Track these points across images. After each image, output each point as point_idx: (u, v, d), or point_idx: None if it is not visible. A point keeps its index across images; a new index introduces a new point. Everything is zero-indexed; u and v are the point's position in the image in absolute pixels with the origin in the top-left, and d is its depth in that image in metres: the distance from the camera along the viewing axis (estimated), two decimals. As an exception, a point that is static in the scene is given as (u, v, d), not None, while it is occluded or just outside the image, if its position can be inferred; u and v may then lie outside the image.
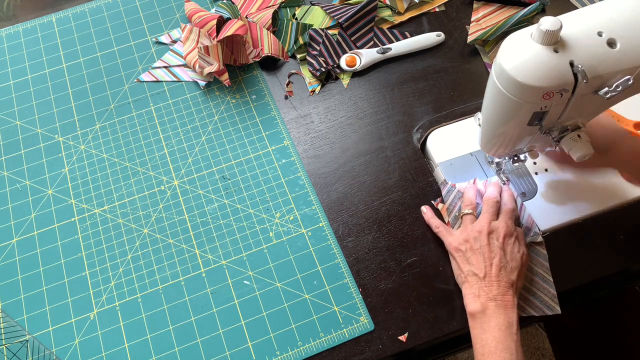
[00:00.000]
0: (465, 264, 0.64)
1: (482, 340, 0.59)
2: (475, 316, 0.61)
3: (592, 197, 0.72)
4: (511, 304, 0.61)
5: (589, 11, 0.53)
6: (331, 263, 0.70)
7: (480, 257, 0.63)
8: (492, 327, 0.59)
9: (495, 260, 0.63)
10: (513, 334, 0.59)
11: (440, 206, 0.73)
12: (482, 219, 0.66)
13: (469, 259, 0.64)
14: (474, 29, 0.86)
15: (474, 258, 0.64)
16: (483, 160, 0.76)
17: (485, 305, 0.61)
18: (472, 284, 0.63)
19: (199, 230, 0.72)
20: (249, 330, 0.66)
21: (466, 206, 0.70)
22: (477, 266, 0.63)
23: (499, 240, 0.64)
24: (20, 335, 0.66)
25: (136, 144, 0.79)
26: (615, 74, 0.51)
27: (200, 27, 0.84)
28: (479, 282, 0.62)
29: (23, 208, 0.75)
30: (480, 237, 0.64)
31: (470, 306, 0.62)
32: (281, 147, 0.78)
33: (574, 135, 0.59)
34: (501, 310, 0.60)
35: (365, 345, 0.65)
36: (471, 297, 0.62)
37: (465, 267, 0.64)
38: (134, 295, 0.69)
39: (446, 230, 0.68)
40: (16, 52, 0.88)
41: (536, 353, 1.33)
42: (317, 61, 0.84)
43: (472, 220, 0.68)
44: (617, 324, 0.80)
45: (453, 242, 0.66)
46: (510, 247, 0.64)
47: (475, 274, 0.63)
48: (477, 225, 0.66)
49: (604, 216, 0.71)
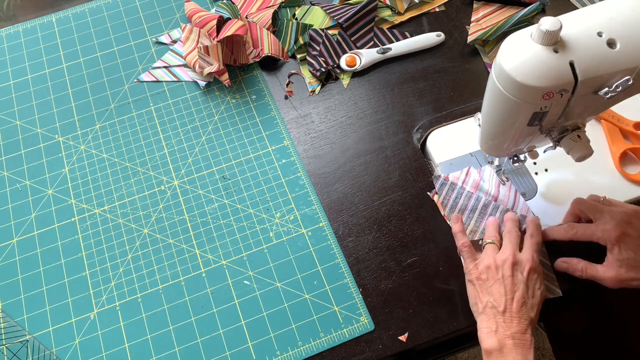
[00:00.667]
0: (485, 294, 0.61)
1: None
2: (492, 354, 0.57)
3: (592, 197, 0.72)
4: (529, 343, 0.57)
5: (589, 11, 0.53)
6: (331, 263, 0.70)
7: (502, 289, 0.60)
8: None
9: (518, 294, 0.59)
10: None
11: (435, 198, 0.73)
12: (506, 250, 0.63)
13: (489, 289, 0.60)
14: (474, 29, 0.86)
15: (495, 288, 0.60)
16: (483, 160, 0.76)
17: (502, 343, 0.57)
18: (490, 317, 0.59)
19: (199, 230, 0.73)
20: (249, 330, 0.66)
21: (489, 237, 0.66)
22: (497, 298, 0.59)
23: (523, 274, 0.61)
24: (20, 335, 0.66)
25: (136, 144, 0.79)
26: (615, 74, 0.51)
27: (200, 27, 0.84)
28: (497, 315, 0.59)
29: (23, 208, 0.75)
30: (504, 267, 0.61)
31: (486, 342, 0.58)
32: (281, 147, 0.78)
33: (574, 136, 0.59)
34: (519, 350, 0.56)
35: (365, 345, 0.65)
36: (487, 332, 0.58)
37: (485, 297, 0.60)
38: (134, 295, 0.69)
39: (471, 251, 0.65)
40: (16, 52, 0.88)
41: (536, 353, 1.33)
42: (317, 61, 0.84)
43: (495, 250, 0.64)
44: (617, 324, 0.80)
45: (474, 268, 0.63)
46: (533, 283, 0.61)
47: (494, 307, 0.59)
48: (502, 254, 0.62)
49: (604, 216, 0.71)
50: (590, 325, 0.82)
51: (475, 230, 0.70)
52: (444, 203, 0.72)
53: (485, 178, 0.74)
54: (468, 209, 0.71)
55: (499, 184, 0.73)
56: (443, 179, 0.73)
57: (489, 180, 0.73)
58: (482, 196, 0.72)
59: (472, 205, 0.71)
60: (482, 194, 0.72)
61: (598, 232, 0.63)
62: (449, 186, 0.72)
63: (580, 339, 0.84)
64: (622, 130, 0.77)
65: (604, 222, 0.63)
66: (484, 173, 0.74)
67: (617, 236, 0.62)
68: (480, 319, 0.60)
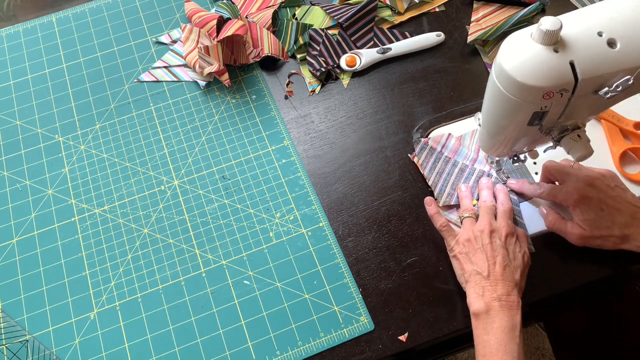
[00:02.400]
0: (468, 263, 0.63)
1: (484, 342, 0.59)
2: (479, 316, 0.60)
3: (592, 197, 0.72)
4: (516, 304, 0.59)
5: (589, 11, 0.53)
6: (331, 263, 0.70)
7: (483, 256, 0.63)
8: (495, 328, 0.58)
9: (499, 258, 0.62)
10: (516, 337, 0.58)
11: (415, 159, 0.75)
12: (483, 220, 0.66)
13: (471, 259, 0.63)
14: (474, 29, 0.86)
15: (477, 257, 0.63)
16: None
17: (489, 305, 0.59)
18: (476, 282, 0.62)
19: (199, 230, 0.73)
20: (249, 330, 0.66)
21: (465, 211, 0.69)
22: (480, 265, 0.62)
23: (501, 239, 0.64)
24: (20, 335, 0.66)
25: (136, 144, 0.79)
26: (615, 74, 0.51)
27: (200, 27, 0.84)
28: (482, 280, 0.61)
29: (23, 208, 0.75)
30: (482, 236, 0.64)
31: (474, 305, 0.60)
32: (281, 147, 0.78)
33: (574, 136, 0.59)
34: (505, 311, 0.59)
35: (365, 345, 0.65)
36: (475, 297, 0.61)
37: (468, 266, 0.63)
38: (134, 295, 0.69)
39: (450, 230, 0.67)
40: (16, 52, 0.88)
41: (536, 353, 1.33)
42: (317, 61, 0.84)
43: (472, 223, 0.67)
44: (617, 324, 0.80)
45: (455, 243, 0.66)
46: (512, 247, 0.64)
47: (478, 273, 0.62)
48: (479, 225, 0.65)
49: (604, 216, 0.71)
50: (590, 325, 0.82)
51: (452, 193, 0.72)
52: (423, 165, 0.74)
53: (465, 144, 0.76)
54: (445, 173, 0.74)
55: (479, 147, 0.75)
56: (423, 143, 0.75)
57: (469, 145, 0.76)
58: (460, 161, 0.75)
59: (449, 170, 0.73)
60: (460, 158, 0.75)
61: (561, 194, 0.67)
62: (429, 150, 0.75)
63: (580, 339, 0.84)
64: (622, 130, 0.77)
65: (568, 184, 0.67)
66: (465, 139, 0.76)
67: (577, 199, 0.65)
68: (468, 287, 0.63)
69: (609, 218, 0.64)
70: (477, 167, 0.74)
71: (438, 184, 0.73)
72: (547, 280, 0.68)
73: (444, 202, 0.72)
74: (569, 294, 0.69)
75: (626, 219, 0.63)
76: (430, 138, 0.76)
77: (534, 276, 0.68)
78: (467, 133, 0.77)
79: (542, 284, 0.68)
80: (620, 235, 0.64)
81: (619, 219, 0.64)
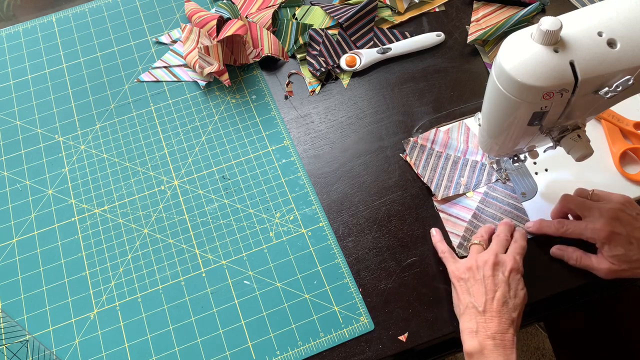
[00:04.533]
0: (466, 294, 0.61)
1: None
2: (472, 356, 0.57)
3: (592, 197, 0.72)
4: (511, 343, 0.57)
5: (589, 11, 0.53)
6: (331, 263, 0.70)
7: (482, 289, 0.60)
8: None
9: (498, 294, 0.59)
10: None
11: (407, 159, 0.76)
12: (489, 251, 0.63)
13: (469, 289, 0.61)
14: (474, 29, 0.86)
15: (476, 288, 0.60)
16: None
17: (483, 345, 0.57)
18: (471, 317, 0.59)
19: (199, 230, 0.73)
20: (249, 330, 0.66)
21: (476, 238, 0.67)
22: (477, 298, 0.59)
23: (504, 274, 0.61)
24: (20, 335, 0.66)
25: (136, 144, 0.79)
26: (615, 74, 0.51)
27: (200, 27, 0.84)
28: (478, 315, 0.59)
29: (23, 208, 0.75)
30: (485, 268, 0.61)
31: (467, 344, 0.58)
32: (281, 147, 0.78)
33: (574, 136, 0.59)
34: (500, 350, 0.56)
35: (365, 345, 0.65)
36: (468, 334, 0.58)
37: (465, 297, 0.61)
38: (134, 295, 0.69)
39: (451, 256, 0.66)
40: (16, 52, 0.88)
41: (536, 353, 1.33)
42: (317, 61, 0.84)
43: (479, 251, 0.65)
44: (617, 323, 0.80)
45: (456, 269, 0.63)
46: (516, 283, 0.61)
47: (474, 307, 0.59)
48: (484, 255, 0.63)
49: (604, 216, 0.71)
50: (590, 325, 0.82)
51: (449, 185, 0.73)
52: (416, 164, 0.75)
53: (454, 136, 0.77)
54: (439, 167, 0.74)
55: (467, 138, 0.76)
56: (413, 142, 0.76)
57: (457, 138, 0.77)
58: (452, 154, 0.76)
59: (442, 164, 0.74)
60: (451, 151, 0.76)
61: (587, 231, 0.64)
62: (419, 148, 0.75)
63: (580, 339, 0.84)
64: (622, 130, 0.77)
65: (593, 220, 0.64)
66: (452, 132, 0.77)
67: (605, 236, 0.63)
68: (462, 320, 0.60)
69: (638, 251, 0.62)
70: (469, 157, 0.75)
71: (434, 180, 0.73)
72: (547, 280, 0.68)
73: (442, 195, 0.72)
74: (569, 294, 0.69)
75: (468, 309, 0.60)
76: (419, 137, 0.76)
77: (534, 276, 0.68)
78: (454, 126, 0.78)
79: (542, 284, 0.68)
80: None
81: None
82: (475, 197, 0.73)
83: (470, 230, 0.70)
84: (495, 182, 0.74)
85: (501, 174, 0.74)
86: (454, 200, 0.73)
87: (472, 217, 0.71)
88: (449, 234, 0.71)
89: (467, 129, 0.77)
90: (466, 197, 0.73)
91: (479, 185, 0.73)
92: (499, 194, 0.73)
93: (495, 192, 0.73)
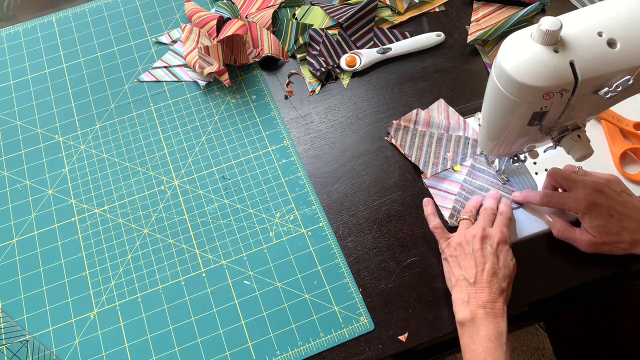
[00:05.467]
0: (457, 267, 0.63)
1: (470, 350, 0.58)
2: (464, 324, 0.60)
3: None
4: (501, 312, 0.59)
5: (589, 11, 0.53)
6: (331, 263, 0.70)
7: (472, 262, 0.62)
8: (482, 337, 0.58)
9: (488, 265, 0.61)
10: (502, 344, 0.57)
11: (393, 141, 0.77)
12: (477, 225, 0.66)
13: (460, 263, 0.63)
14: (474, 29, 0.86)
15: (466, 262, 0.63)
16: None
17: (474, 313, 0.59)
18: (462, 289, 0.61)
19: (199, 230, 0.73)
20: (249, 330, 0.66)
21: (465, 213, 0.69)
22: (468, 270, 0.62)
23: (492, 246, 0.63)
24: (20, 335, 0.66)
25: (136, 144, 0.79)
26: (615, 74, 0.51)
27: (200, 27, 0.84)
28: (468, 287, 0.61)
29: (23, 208, 0.75)
30: (474, 242, 0.63)
31: (459, 314, 0.60)
32: (281, 147, 0.78)
33: (574, 136, 0.59)
34: (490, 318, 0.58)
35: (365, 345, 0.65)
36: (460, 304, 0.61)
37: (457, 271, 0.63)
38: (134, 295, 0.69)
39: (443, 232, 0.67)
40: (16, 52, 0.88)
41: (536, 353, 1.33)
42: (317, 61, 0.84)
43: (468, 226, 0.67)
44: (617, 323, 0.80)
45: (447, 246, 0.66)
46: (504, 255, 0.63)
47: (465, 279, 0.62)
48: (472, 229, 0.65)
49: (604, 216, 0.71)
50: (590, 325, 0.82)
51: (436, 162, 0.75)
52: (402, 145, 0.76)
53: (434, 114, 0.78)
54: (424, 145, 0.76)
55: (448, 115, 0.79)
56: (396, 125, 0.78)
57: (438, 116, 0.79)
58: (435, 131, 0.77)
59: (427, 142, 0.76)
60: (434, 129, 0.78)
61: (570, 201, 0.66)
62: (403, 129, 0.77)
63: (580, 339, 0.84)
64: (622, 130, 0.77)
65: (576, 191, 0.66)
66: (432, 111, 0.79)
67: (586, 205, 0.65)
68: (454, 292, 0.63)
69: (618, 224, 0.64)
70: (452, 133, 0.77)
71: (421, 158, 0.75)
72: (547, 280, 0.68)
73: (431, 172, 0.74)
74: (569, 294, 0.69)
75: (635, 225, 0.63)
76: (402, 118, 0.78)
77: (533, 276, 0.68)
78: (433, 105, 0.80)
79: (542, 284, 0.68)
80: (630, 241, 0.63)
81: (628, 224, 0.63)
82: (462, 171, 0.75)
83: (460, 201, 0.73)
84: (480, 154, 0.76)
85: (501, 174, 0.74)
86: (442, 175, 0.75)
87: (460, 189, 0.73)
88: (440, 207, 0.73)
89: (447, 106, 0.80)
90: (454, 172, 0.75)
91: (465, 159, 0.76)
92: (485, 166, 0.75)
93: (481, 165, 0.75)
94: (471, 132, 0.77)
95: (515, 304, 0.66)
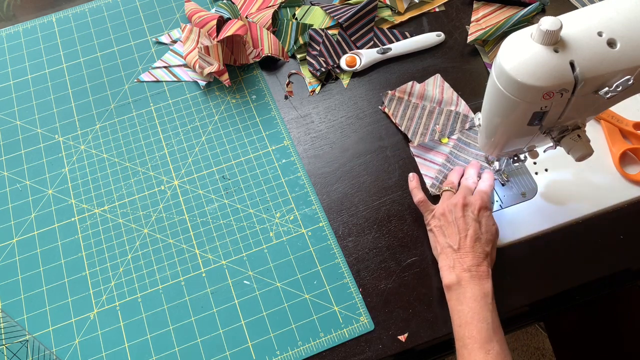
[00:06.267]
0: (442, 236, 0.65)
1: (458, 312, 0.60)
2: (451, 288, 0.62)
3: (593, 197, 0.72)
4: (486, 274, 0.61)
5: (589, 11, 0.53)
6: (331, 263, 0.70)
7: (455, 229, 0.64)
8: (468, 298, 0.60)
9: (470, 231, 0.64)
10: (488, 304, 0.59)
11: (386, 110, 0.79)
12: (458, 195, 0.68)
13: (444, 232, 0.65)
14: (474, 29, 0.86)
15: (449, 230, 0.65)
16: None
17: (460, 277, 0.61)
18: (447, 255, 0.64)
19: (199, 230, 0.72)
20: (249, 330, 0.66)
21: (447, 184, 0.71)
22: (452, 238, 0.64)
23: (474, 213, 0.65)
24: (20, 335, 0.66)
25: (136, 144, 0.79)
26: (615, 74, 0.51)
27: (200, 27, 0.84)
28: (453, 254, 0.63)
29: (23, 208, 0.75)
30: (455, 210, 0.65)
31: (446, 278, 0.62)
32: (281, 147, 0.78)
33: (574, 136, 0.59)
34: (476, 280, 0.60)
35: (365, 345, 0.65)
36: (446, 269, 0.63)
37: (442, 239, 0.65)
38: (134, 295, 0.69)
39: (427, 204, 0.69)
40: (16, 52, 0.88)
41: (536, 353, 1.33)
42: (317, 61, 0.84)
43: (450, 197, 0.69)
44: (617, 323, 0.80)
45: (431, 218, 0.68)
46: (486, 220, 0.65)
47: (450, 246, 0.64)
48: (454, 199, 0.67)
49: (604, 216, 0.71)
50: (591, 325, 0.82)
51: (424, 132, 0.77)
52: (394, 114, 0.79)
53: (429, 88, 0.81)
54: (416, 117, 0.78)
55: (442, 90, 0.81)
56: (391, 95, 0.80)
57: (432, 90, 0.81)
58: (427, 104, 0.79)
59: (418, 114, 0.78)
60: (427, 102, 0.80)
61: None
62: (397, 100, 0.79)
63: (581, 339, 0.84)
64: (622, 130, 0.77)
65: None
66: (428, 85, 0.81)
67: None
68: (440, 259, 0.65)
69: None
70: (444, 107, 0.79)
71: (410, 128, 0.77)
72: (548, 280, 0.68)
73: (418, 141, 0.76)
74: (569, 294, 0.69)
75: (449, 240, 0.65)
76: (397, 89, 0.80)
77: (533, 276, 0.68)
78: (429, 79, 0.81)
79: (542, 284, 0.68)
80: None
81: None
82: (449, 144, 0.77)
83: (443, 172, 0.75)
84: (468, 129, 0.77)
85: (501, 174, 0.74)
86: (429, 145, 0.77)
87: (444, 161, 0.75)
88: (423, 176, 0.75)
89: (442, 81, 0.81)
90: (441, 144, 0.77)
91: (454, 132, 0.77)
92: (471, 140, 0.77)
93: (467, 139, 0.77)
94: (462, 108, 0.79)
95: (515, 304, 0.66)
